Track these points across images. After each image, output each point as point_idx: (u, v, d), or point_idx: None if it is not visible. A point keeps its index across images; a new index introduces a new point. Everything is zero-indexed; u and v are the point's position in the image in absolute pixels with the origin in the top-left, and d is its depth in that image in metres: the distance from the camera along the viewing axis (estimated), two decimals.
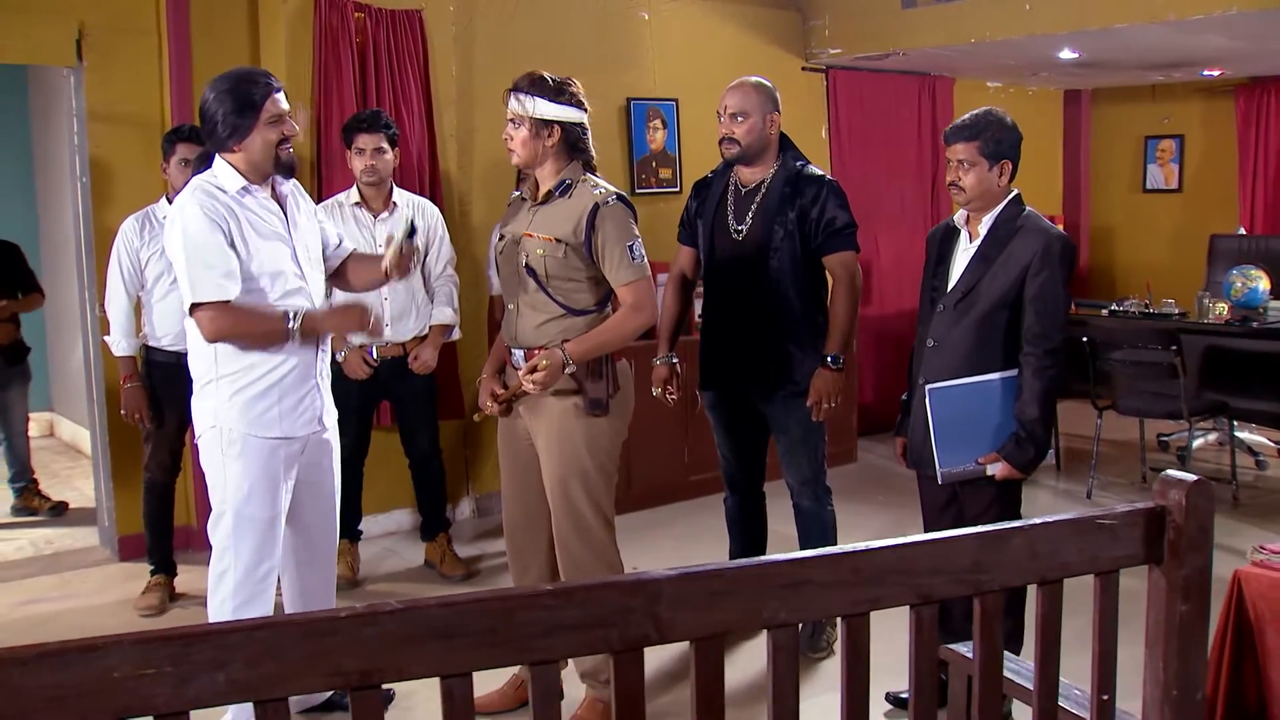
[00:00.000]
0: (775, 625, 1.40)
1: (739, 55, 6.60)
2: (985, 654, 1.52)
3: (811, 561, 1.40)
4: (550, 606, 1.31)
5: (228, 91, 3.07)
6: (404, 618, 1.27)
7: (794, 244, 3.78)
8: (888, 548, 1.43)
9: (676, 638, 1.36)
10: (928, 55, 6.49)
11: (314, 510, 3.40)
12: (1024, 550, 1.50)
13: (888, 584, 1.43)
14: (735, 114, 3.80)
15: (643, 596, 1.32)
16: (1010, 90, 8.19)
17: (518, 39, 5.71)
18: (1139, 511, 1.58)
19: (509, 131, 3.28)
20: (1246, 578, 2.35)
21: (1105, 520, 1.55)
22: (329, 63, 5.00)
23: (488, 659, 1.30)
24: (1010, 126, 3.27)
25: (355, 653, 1.25)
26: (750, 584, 1.37)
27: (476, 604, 1.29)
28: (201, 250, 3.02)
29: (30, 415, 7.48)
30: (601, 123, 6.27)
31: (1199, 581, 1.58)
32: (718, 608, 1.36)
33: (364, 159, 4.50)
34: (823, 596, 1.40)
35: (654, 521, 5.53)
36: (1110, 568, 1.58)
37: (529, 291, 3.27)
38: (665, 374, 4.06)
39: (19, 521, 5.68)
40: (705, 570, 1.35)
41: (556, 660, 1.32)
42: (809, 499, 3.98)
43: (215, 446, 3.16)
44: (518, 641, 1.30)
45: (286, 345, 3.14)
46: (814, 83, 6.92)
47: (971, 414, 3.20)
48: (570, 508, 3.28)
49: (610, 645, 1.33)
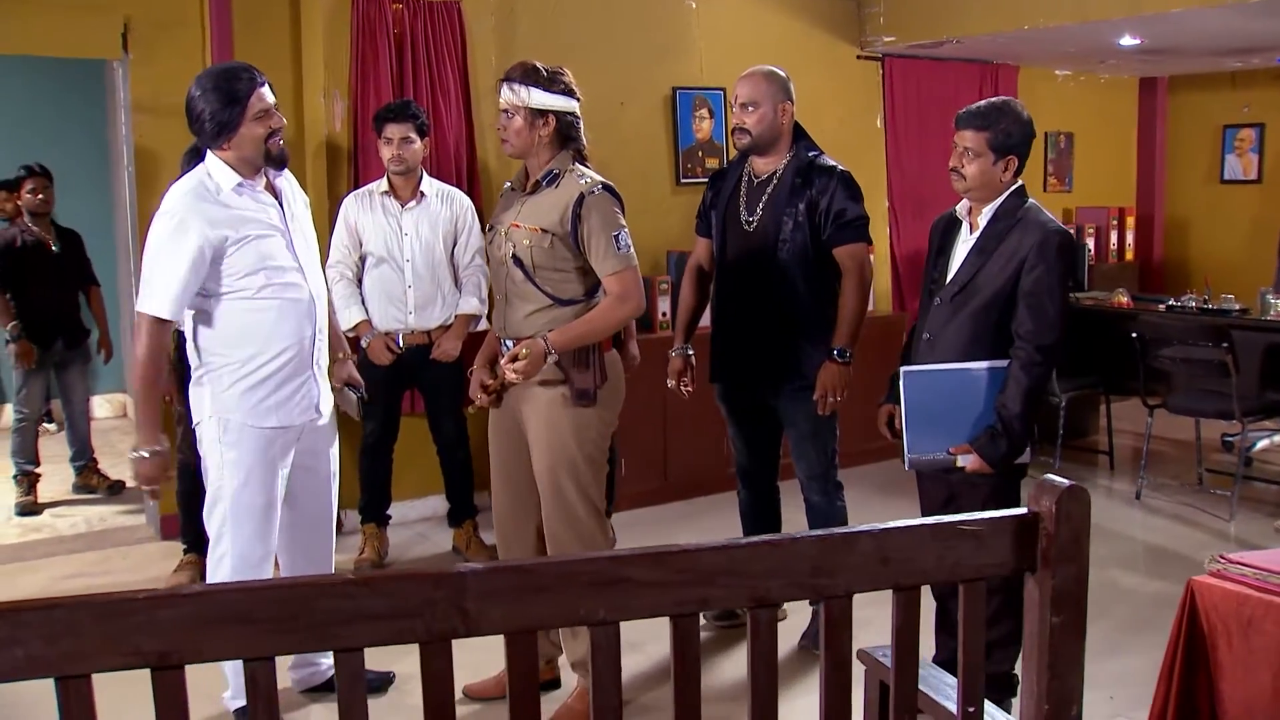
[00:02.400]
0: (595, 623, 1.37)
1: (790, 43, 6.52)
2: (831, 662, 1.47)
3: (631, 559, 1.37)
4: (353, 595, 1.31)
5: (212, 89, 3.08)
6: (202, 601, 1.29)
7: (803, 235, 3.73)
8: (716, 548, 1.40)
9: (486, 631, 1.35)
10: (983, 43, 6.32)
11: (311, 495, 3.46)
12: (873, 555, 1.45)
13: (717, 585, 1.39)
14: (745, 104, 3.76)
15: (447, 589, 1.32)
16: (1081, 79, 7.93)
17: (560, 28, 5.72)
18: (1009, 518, 1.51)
19: (502, 122, 3.29)
20: (1200, 588, 2.24)
21: (968, 526, 1.49)
22: (366, 54, 5.08)
23: (288, 645, 1.31)
24: (1024, 122, 3.17)
25: (154, 633, 1.27)
26: (563, 580, 1.35)
27: (275, 590, 1.30)
28: (158, 262, 3.07)
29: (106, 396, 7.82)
30: (647, 112, 6.28)
31: (1074, 593, 1.51)
32: (528, 602, 1.34)
33: (391, 148, 4.56)
34: (645, 595, 1.37)
35: (689, 513, 5.50)
36: (975, 576, 1.51)
37: (516, 282, 3.28)
38: (680, 366, 4.05)
39: (78, 499, 5.90)
40: (514, 565, 1.34)
41: (359, 648, 1.32)
42: (818, 494, 3.93)
43: (212, 435, 3.23)
44: (319, 629, 1.31)
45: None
46: (869, 71, 6.79)
47: (950, 402, 3.10)
48: (559, 497, 3.29)
49: (416, 636, 1.33)
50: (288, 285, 3.21)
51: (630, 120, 6.03)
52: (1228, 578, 2.20)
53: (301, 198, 3.42)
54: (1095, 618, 1.60)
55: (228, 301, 3.14)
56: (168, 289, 3.07)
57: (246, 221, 3.14)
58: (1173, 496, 5.65)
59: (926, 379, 3.15)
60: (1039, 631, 1.52)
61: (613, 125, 5.96)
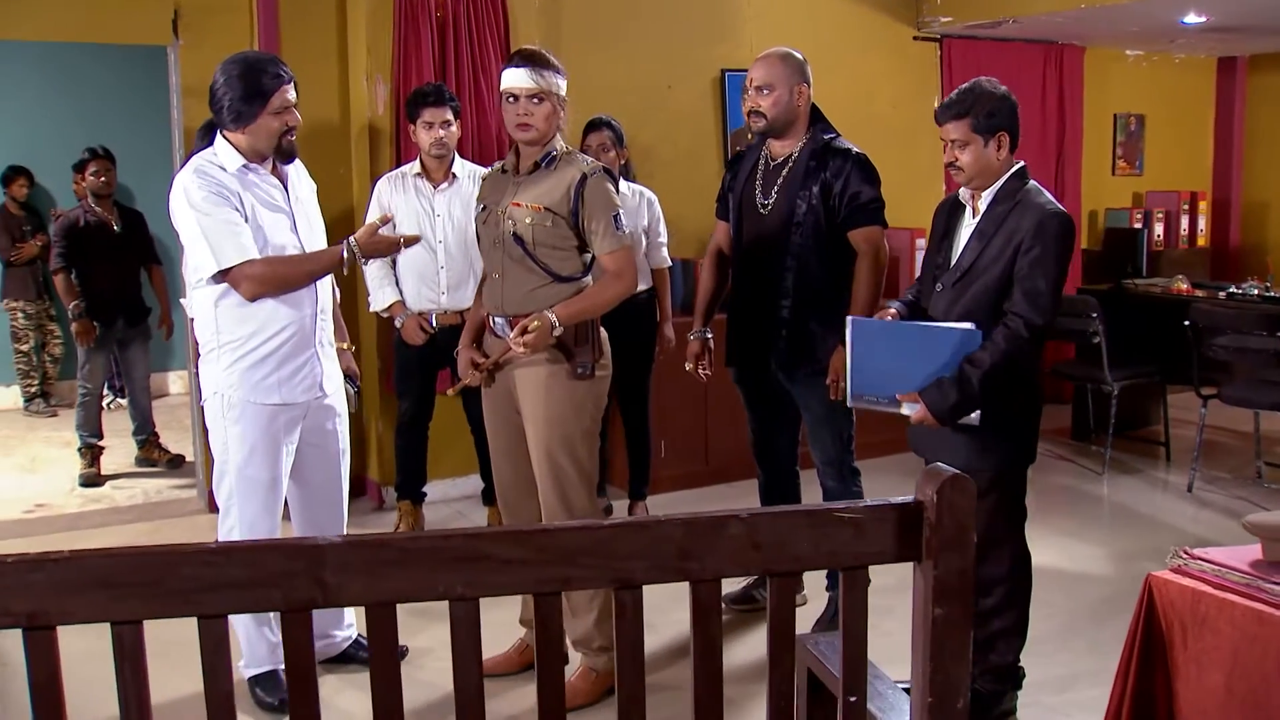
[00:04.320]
0: (454, 598, 1.39)
1: (844, 24, 6.44)
2: (700, 646, 1.47)
3: (491, 536, 1.39)
4: (213, 564, 1.35)
5: (239, 76, 3.16)
6: (70, 565, 1.34)
7: (817, 219, 3.69)
8: (579, 528, 1.41)
9: (346, 602, 1.38)
10: (1041, 22, 6.16)
11: (320, 471, 3.54)
12: (744, 540, 1.44)
13: (579, 565, 1.40)
14: (761, 87, 3.73)
15: (305, 560, 1.35)
16: (1154, 58, 7.68)
17: (606, 9, 5.73)
18: (891, 506, 1.49)
19: (528, 108, 3.25)
20: (1158, 584, 2.16)
21: (846, 514, 1.46)
22: (409, 38, 5.15)
23: (153, 610, 1.35)
24: (1001, 96, 3.09)
25: (23, 596, 1.33)
26: (422, 555, 1.37)
27: (140, 556, 1.35)
28: (214, 218, 3.13)
29: (178, 373, 8.08)
30: (694, 95, 6.25)
31: (958, 585, 1.48)
32: (388, 576, 1.37)
33: (432, 132, 4.62)
34: (506, 573, 1.39)
35: (729, 496, 5.50)
36: (855, 564, 1.49)
37: (515, 259, 3.31)
38: (698, 349, 4.06)
39: (139, 471, 6.12)
40: (373, 539, 1.37)
41: (222, 615, 1.36)
42: (833, 479, 3.90)
43: (217, 411, 3.32)
44: (182, 595, 1.35)
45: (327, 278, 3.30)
46: (927, 52, 6.67)
47: (904, 355, 3.04)
48: (556, 471, 3.33)
49: (275, 605, 1.36)
50: None
51: (678, 103, 6.02)
52: (1187, 573, 2.13)
53: (308, 184, 3.49)
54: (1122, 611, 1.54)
55: None
56: (227, 239, 3.12)
57: (251, 200, 3.22)
58: (1226, 490, 5.47)
59: (875, 329, 3.13)
60: (923, 624, 1.49)
61: (660, 108, 5.96)
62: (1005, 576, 3.25)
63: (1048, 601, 4.11)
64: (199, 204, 3.15)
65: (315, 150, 5.26)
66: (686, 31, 5.98)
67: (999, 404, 3.09)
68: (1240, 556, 2.12)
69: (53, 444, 6.65)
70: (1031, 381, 3.17)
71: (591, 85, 5.68)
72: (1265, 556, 2.11)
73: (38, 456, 6.45)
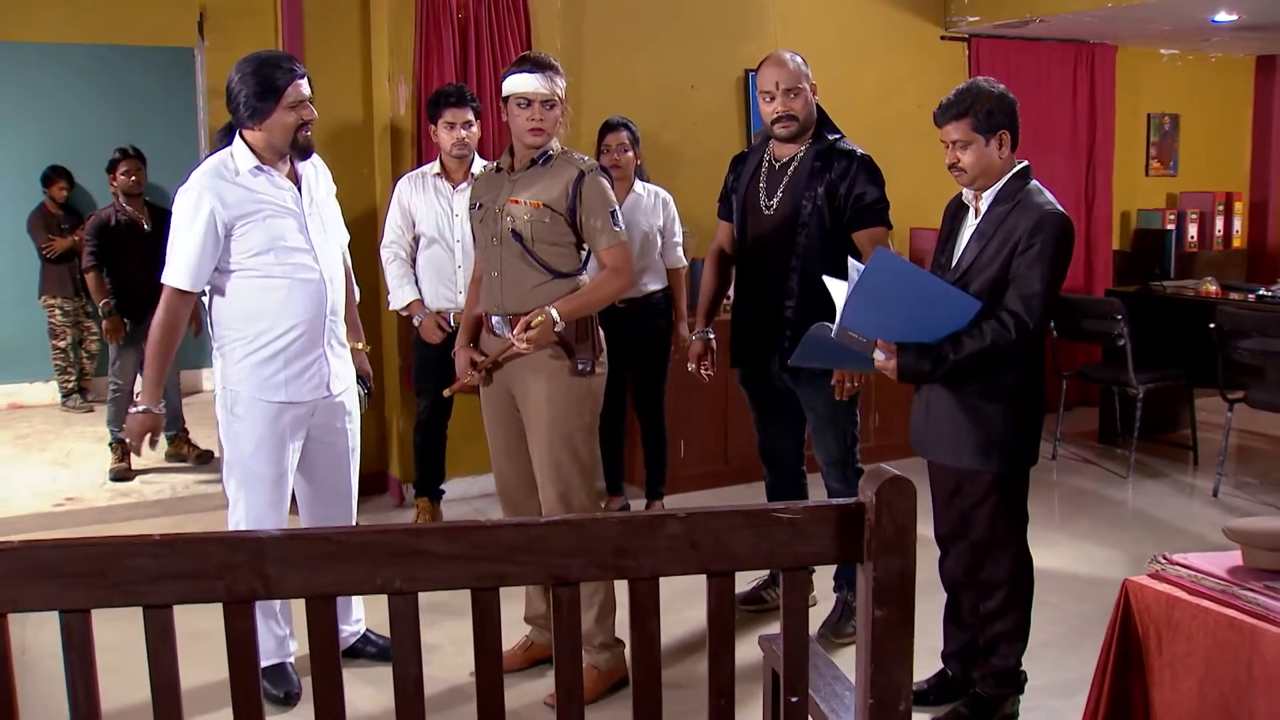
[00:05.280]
0: (392, 592, 1.42)
1: (870, 23, 6.41)
2: (637, 643, 1.49)
3: (428, 532, 1.41)
4: (158, 555, 1.38)
5: (252, 74, 3.23)
6: (20, 555, 1.38)
7: (823, 219, 3.69)
8: (515, 525, 1.43)
9: (286, 594, 1.41)
10: (1069, 21, 6.09)
11: (329, 469, 3.59)
12: (681, 539, 1.45)
13: (516, 561, 1.42)
14: (789, 90, 3.68)
15: (246, 553, 1.38)
16: (1189, 58, 7.56)
17: (628, 10, 5.74)
18: (831, 507, 1.49)
19: (541, 114, 3.29)
20: (1134, 589, 2.14)
21: (785, 514, 1.47)
22: (430, 39, 5.20)
23: (99, 599, 1.39)
24: (999, 95, 3.07)
25: None
26: (361, 550, 1.39)
27: (87, 547, 1.39)
28: (184, 237, 3.23)
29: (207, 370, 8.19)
30: (718, 96, 6.25)
31: (899, 586, 1.48)
32: (326, 569, 1.39)
33: (453, 133, 4.66)
34: (442, 568, 1.41)
35: (749, 497, 5.48)
36: (795, 564, 1.50)
37: (514, 256, 3.34)
38: (700, 349, 4.07)
39: (169, 467, 6.21)
40: (312, 532, 1.39)
41: (167, 605, 1.40)
42: (837, 480, 3.90)
43: (224, 406, 3.40)
44: (127, 585, 1.39)
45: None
46: (954, 52, 6.63)
47: (910, 305, 2.96)
48: (557, 468, 3.36)
49: (218, 596, 1.40)
50: (299, 266, 3.32)
51: (701, 103, 6.03)
52: (1164, 579, 2.11)
53: (326, 185, 3.53)
54: None
55: (239, 278, 3.29)
56: (185, 261, 3.23)
57: (260, 202, 3.27)
58: (1254, 495, 5.39)
59: (898, 267, 2.99)
60: (865, 625, 1.50)
61: (683, 108, 5.97)
62: (1005, 580, 3.23)
63: (1059, 605, 4.08)
64: (179, 213, 3.25)
65: (338, 150, 5.34)
66: (710, 31, 5.98)
67: (998, 405, 3.08)
68: (1219, 562, 2.10)
69: (87, 439, 6.78)
70: (1034, 383, 3.15)
71: (613, 85, 5.72)
72: (1245, 563, 2.08)
73: (72, 451, 6.58)
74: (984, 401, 3.08)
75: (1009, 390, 3.09)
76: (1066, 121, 6.91)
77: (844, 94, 6.35)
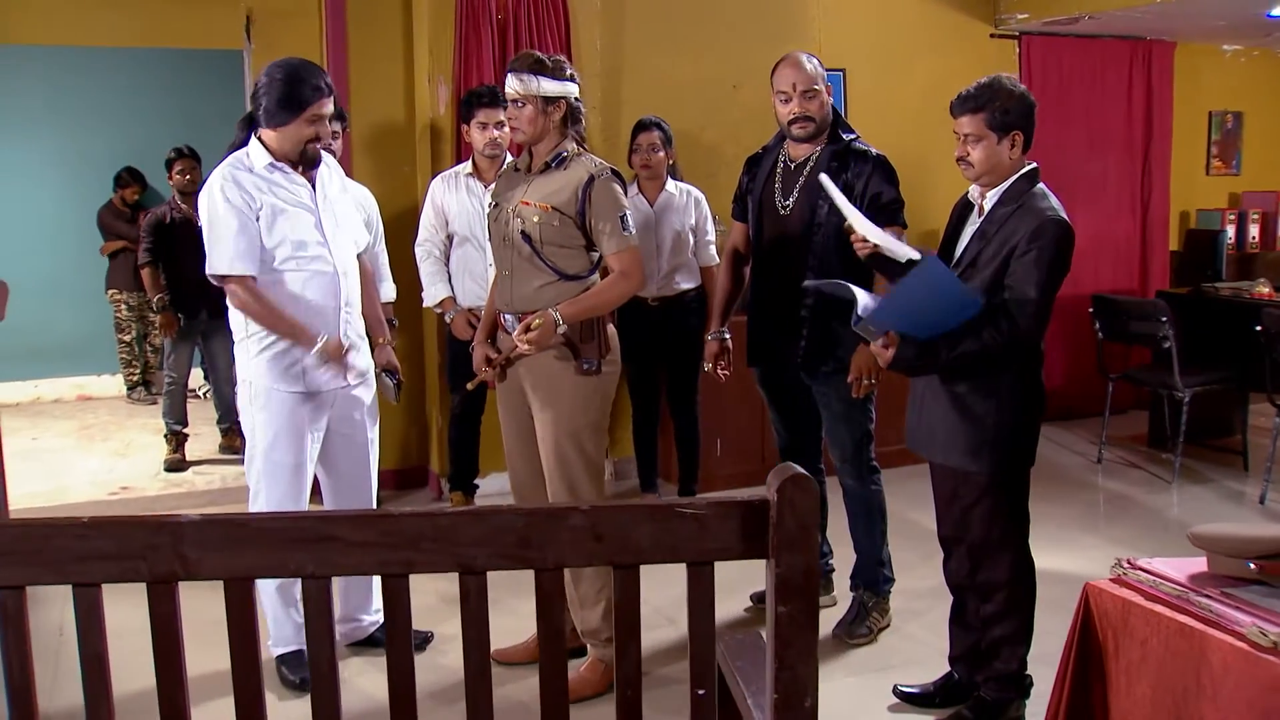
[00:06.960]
0: (305, 576, 1.48)
1: (917, 21, 6.36)
2: (544, 632, 1.53)
3: (338, 520, 1.47)
4: (84, 536, 1.46)
5: (282, 81, 3.32)
6: None
7: (838, 219, 3.68)
8: (422, 514, 1.47)
9: (204, 576, 1.47)
10: (1120, 18, 5.98)
11: (348, 459, 3.69)
12: (585, 531, 1.48)
13: (422, 549, 1.47)
14: (806, 91, 3.71)
15: (167, 535, 1.45)
16: (1253, 54, 7.37)
17: (669, 9, 5.76)
18: (736, 503, 1.51)
19: (512, 113, 3.40)
20: (1094, 593, 2.12)
21: (687, 509, 1.50)
22: (470, 40, 5.29)
23: (33, 576, 1.47)
24: (1019, 95, 3.05)
25: None
26: (273, 535, 1.46)
27: (21, 528, 1.47)
28: (216, 227, 3.33)
29: None
30: (760, 95, 6.20)
31: (801, 583, 1.49)
32: (241, 553, 1.46)
33: (486, 133, 4.75)
34: (352, 554, 1.46)
35: None
36: (699, 559, 1.52)
37: (523, 257, 3.40)
38: (716, 349, 4.10)
39: (221, 458, 6.39)
40: (228, 518, 1.46)
41: (95, 584, 1.47)
42: (851, 477, 3.91)
43: (245, 398, 3.51)
44: (57, 564, 1.46)
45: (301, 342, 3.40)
46: (1005, 50, 6.55)
47: (934, 310, 2.96)
48: (563, 464, 3.42)
49: (142, 576, 1.47)
50: (313, 259, 3.42)
51: (744, 103, 6.02)
52: (1124, 583, 2.08)
53: (339, 183, 3.63)
54: None
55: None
56: (226, 247, 3.33)
57: (277, 196, 3.38)
58: None
59: (940, 276, 2.94)
60: (770, 621, 1.52)
61: (726, 107, 5.97)
62: (1004, 582, 3.20)
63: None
64: (209, 208, 3.35)
65: (381, 149, 5.46)
66: (752, 30, 5.97)
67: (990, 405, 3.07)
68: (1182, 568, 2.07)
69: (148, 430, 7.00)
70: (1029, 385, 3.12)
71: (654, 85, 5.75)
72: (1210, 569, 2.05)
73: (132, 442, 6.81)
74: (975, 401, 3.07)
75: (1001, 391, 3.06)
76: (1121, 120, 6.78)
77: (889, 93, 6.32)
